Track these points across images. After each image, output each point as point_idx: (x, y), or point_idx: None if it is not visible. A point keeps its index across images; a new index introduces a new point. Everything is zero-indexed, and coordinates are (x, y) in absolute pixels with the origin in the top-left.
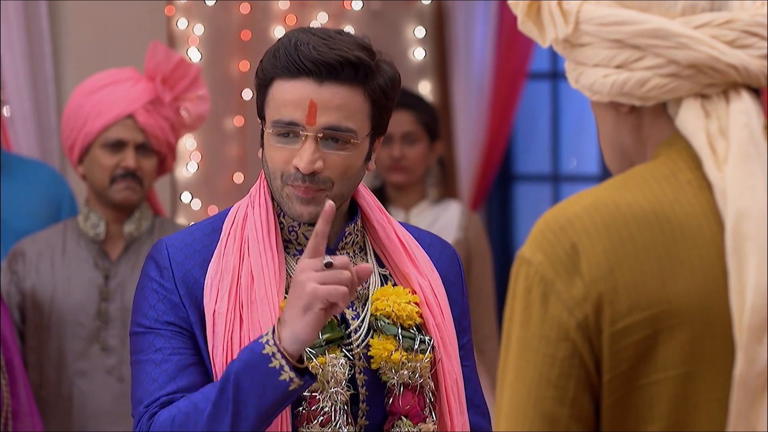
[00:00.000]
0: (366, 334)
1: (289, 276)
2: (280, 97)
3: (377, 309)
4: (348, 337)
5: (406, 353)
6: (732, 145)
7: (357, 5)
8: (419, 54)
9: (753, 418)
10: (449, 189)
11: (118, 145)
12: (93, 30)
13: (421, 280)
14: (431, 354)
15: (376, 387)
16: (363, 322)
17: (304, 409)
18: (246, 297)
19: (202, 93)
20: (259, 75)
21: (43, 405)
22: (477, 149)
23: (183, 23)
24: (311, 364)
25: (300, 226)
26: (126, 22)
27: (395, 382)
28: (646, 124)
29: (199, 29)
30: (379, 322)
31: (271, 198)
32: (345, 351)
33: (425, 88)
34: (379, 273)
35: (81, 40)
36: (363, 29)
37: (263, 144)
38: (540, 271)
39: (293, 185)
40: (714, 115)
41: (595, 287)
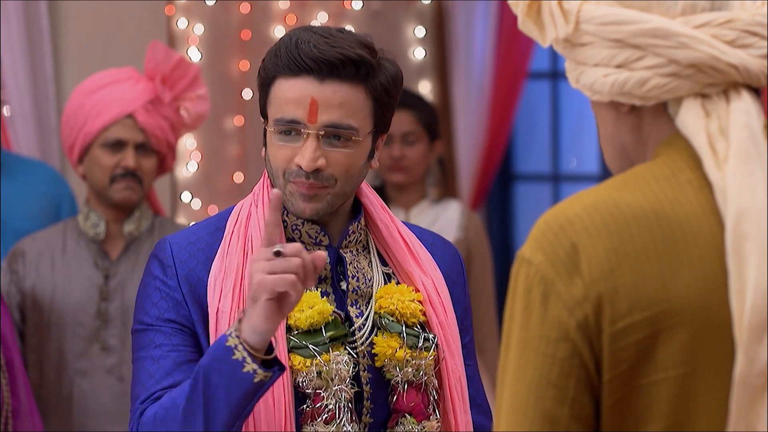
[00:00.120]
0: (370, 332)
1: None
2: (281, 96)
3: (381, 307)
4: (352, 335)
5: (410, 351)
6: (732, 145)
7: (357, 5)
8: (419, 54)
9: (753, 417)
10: (449, 189)
11: (117, 145)
12: (93, 30)
13: (424, 278)
14: (435, 352)
15: (380, 385)
16: (367, 320)
17: (308, 407)
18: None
19: (201, 92)
20: (261, 74)
21: (43, 404)
22: (477, 149)
23: (183, 23)
24: (313, 362)
25: (303, 224)
26: (126, 21)
27: (399, 379)
28: (646, 123)
29: (199, 29)
30: (383, 320)
31: None
32: (349, 349)
33: (425, 87)
34: (383, 271)
35: (81, 39)
36: (363, 29)
37: (266, 143)
38: (540, 271)
39: (296, 182)
40: (714, 115)
41: (595, 287)
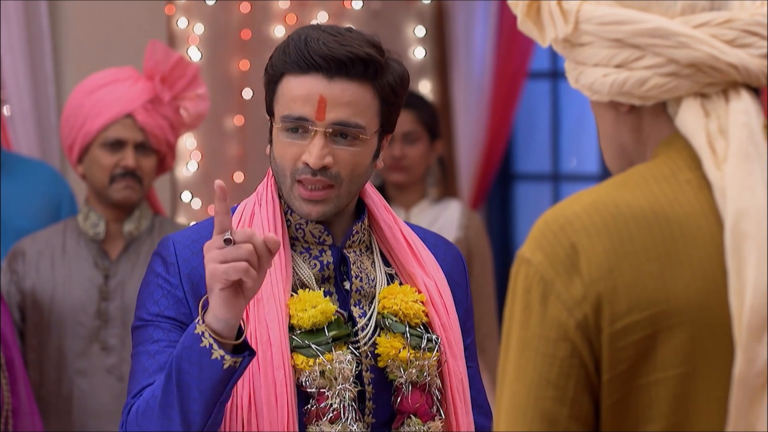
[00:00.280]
0: (373, 332)
1: (296, 273)
2: (289, 93)
3: (384, 307)
4: (355, 335)
5: (413, 351)
6: (731, 145)
7: (357, 5)
8: (419, 53)
9: (752, 417)
10: (449, 188)
11: (117, 145)
12: (93, 29)
13: (427, 280)
14: (438, 353)
15: (382, 385)
16: (370, 320)
17: (312, 407)
18: None
19: (201, 91)
20: (269, 71)
21: (43, 404)
22: (477, 148)
23: (183, 22)
24: (316, 361)
25: (307, 223)
26: (126, 21)
27: (403, 380)
28: (645, 123)
29: (199, 28)
30: (387, 320)
31: (278, 196)
32: (352, 348)
33: (425, 87)
34: (386, 272)
35: (81, 39)
36: (363, 28)
37: (272, 141)
38: (540, 271)
39: (302, 180)
40: (713, 115)
41: (595, 287)
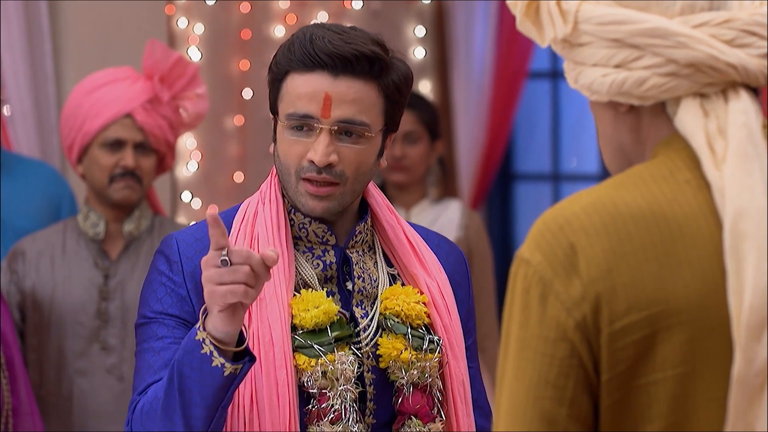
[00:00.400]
0: (375, 332)
1: (299, 273)
2: (294, 91)
3: (386, 308)
4: (357, 336)
5: (415, 353)
6: (730, 145)
7: (357, 4)
8: (419, 53)
9: (751, 417)
10: (449, 188)
11: (116, 145)
12: (93, 29)
13: (429, 281)
14: (440, 354)
15: (383, 386)
16: (372, 320)
17: (313, 407)
18: None
19: (200, 91)
20: (273, 69)
21: (44, 404)
22: (477, 148)
23: (183, 22)
24: (318, 362)
25: (310, 223)
26: (126, 21)
27: (405, 381)
28: (644, 123)
29: (200, 28)
30: (389, 321)
31: (282, 195)
32: (354, 349)
33: (425, 87)
34: (388, 273)
35: (81, 39)
36: (363, 28)
37: (276, 139)
38: (538, 272)
39: (307, 178)
40: (713, 115)
41: (594, 287)
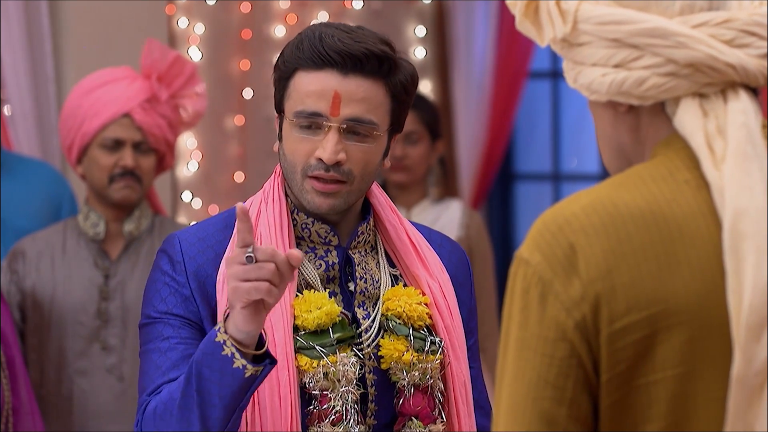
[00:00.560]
0: (376, 334)
1: (301, 273)
2: (302, 89)
3: (388, 309)
4: (359, 337)
5: (416, 354)
6: (730, 145)
7: (357, 4)
8: (420, 53)
9: (751, 417)
10: (450, 188)
11: (115, 145)
12: (94, 29)
13: (431, 281)
14: (441, 355)
15: (385, 387)
16: (374, 322)
17: (315, 408)
18: None
19: (199, 90)
20: (281, 67)
21: (44, 404)
22: (478, 148)
23: (184, 22)
24: (320, 363)
25: (313, 223)
26: (127, 21)
27: (406, 382)
28: (644, 123)
29: (200, 28)
30: (390, 322)
31: (285, 195)
32: (356, 350)
33: (426, 87)
34: (390, 273)
35: (82, 39)
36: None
37: (281, 137)
38: (538, 272)
39: (314, 176)
40: (712, 115)
41: (593, 287)
